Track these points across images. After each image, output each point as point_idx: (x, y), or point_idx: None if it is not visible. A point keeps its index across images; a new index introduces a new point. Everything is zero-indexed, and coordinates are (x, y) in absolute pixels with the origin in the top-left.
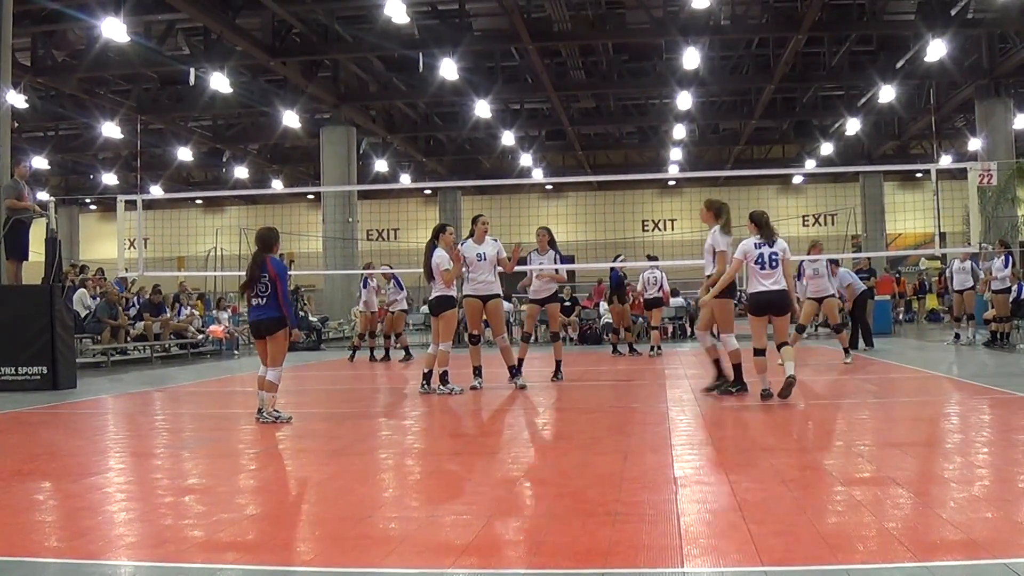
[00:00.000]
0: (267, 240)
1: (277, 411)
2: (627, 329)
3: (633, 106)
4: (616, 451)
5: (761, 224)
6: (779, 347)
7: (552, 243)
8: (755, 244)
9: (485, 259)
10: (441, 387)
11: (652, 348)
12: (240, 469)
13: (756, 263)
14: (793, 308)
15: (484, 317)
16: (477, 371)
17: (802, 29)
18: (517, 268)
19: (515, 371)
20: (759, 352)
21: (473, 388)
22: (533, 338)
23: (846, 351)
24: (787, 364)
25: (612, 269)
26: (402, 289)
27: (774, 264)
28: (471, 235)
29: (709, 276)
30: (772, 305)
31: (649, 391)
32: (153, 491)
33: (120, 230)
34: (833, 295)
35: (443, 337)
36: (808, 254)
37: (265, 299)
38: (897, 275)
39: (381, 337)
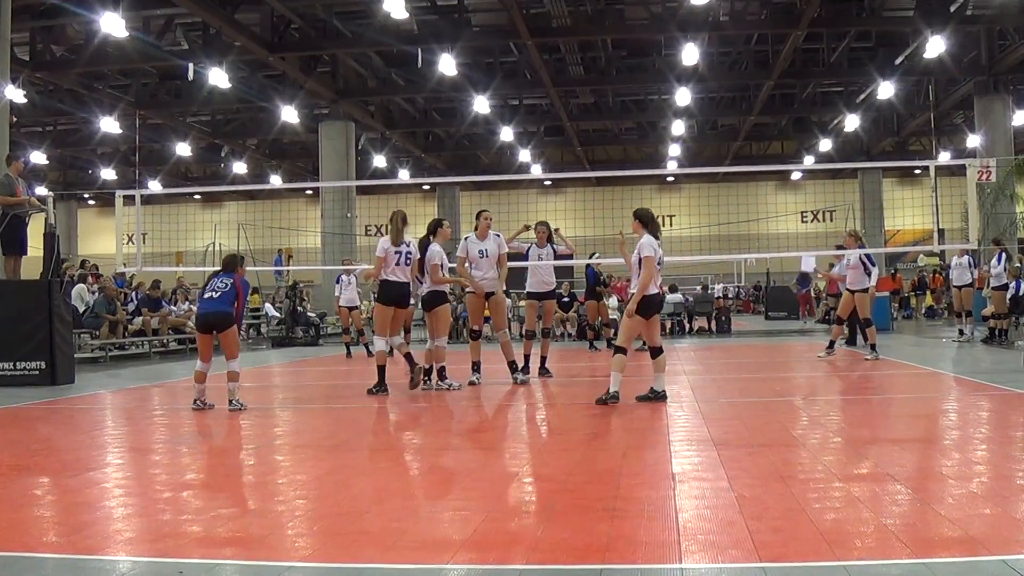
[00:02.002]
0: (234, 262)
1: (241, 401)
2: (606, 325)
3: (632, 102)
4: (615, 447)
5: (648, 221)
6: (656, 354)
7: (551, 238)
8: (659, 244)
9: (487, 255)
10: (439, 383)
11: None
12: (238, 464)
13: (659, 264)
14: None
15: (486, 313)
16: (476, 366)
17: (801, 25)
18: (516, 264)
19: (515, 367)
20: (625, 351)
21: (471, 383)
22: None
23: (872, 347)
24: (659, 377)
25: (587, 267)
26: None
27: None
28: (475, 229)
29: None
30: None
31: (647, 387)
32: (151, 486)
33: (119, 225)
34: (866, 289)
35: (438, 332)
36: (845, 245)
37: (219, 293)
38: (893, 273)
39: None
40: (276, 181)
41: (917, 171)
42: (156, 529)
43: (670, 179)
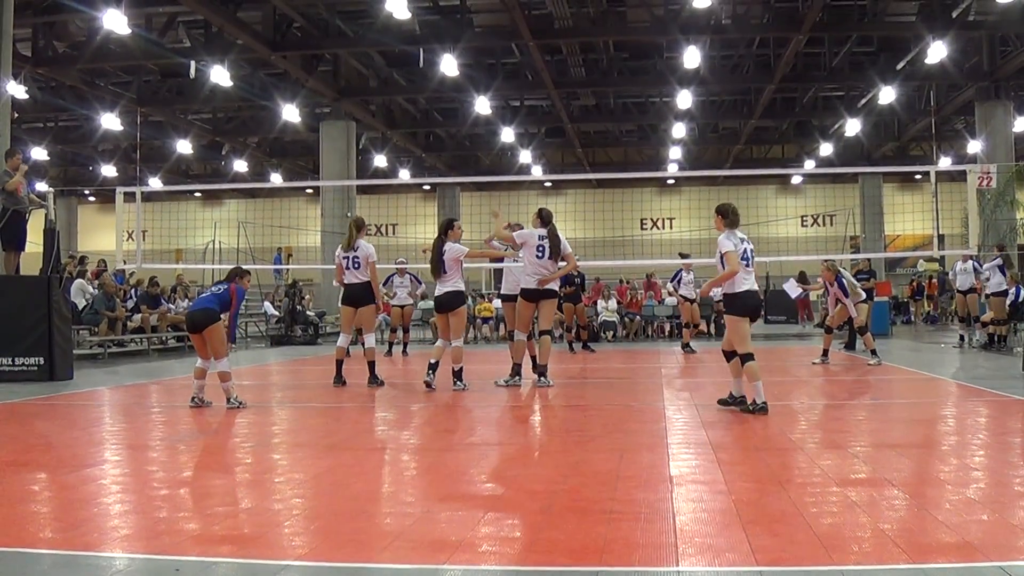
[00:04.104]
0: (234, 273)
1: (239, 399)
2: (583, 328)
3: (633, 104)
4: (612, 449)
5: (730, 215)
6: (738, 358)
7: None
8: (742, 238)
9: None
10: (457, 382)
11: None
12: (235, 462)
13: (742, 259)
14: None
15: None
16: (517, 369)
17: (803, 29)
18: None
19: (545, 369)
20: (751, 356)
21: (513, 384)
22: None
23: (873, 352)
24: (736, 382)
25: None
26: (420, 284)
27: (750, 261)
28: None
29: None
30: (756, 308)
31: (646, 389)
32: (148, 483)
33: (119, 222)
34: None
35: (456, 334)
36: (822, 277)
37: (210, 295)
38: (920, 278)
39: (389, 332)
40: (277, 179)
41: (918, 176)
42: (153, 526)
43: (670, 182)
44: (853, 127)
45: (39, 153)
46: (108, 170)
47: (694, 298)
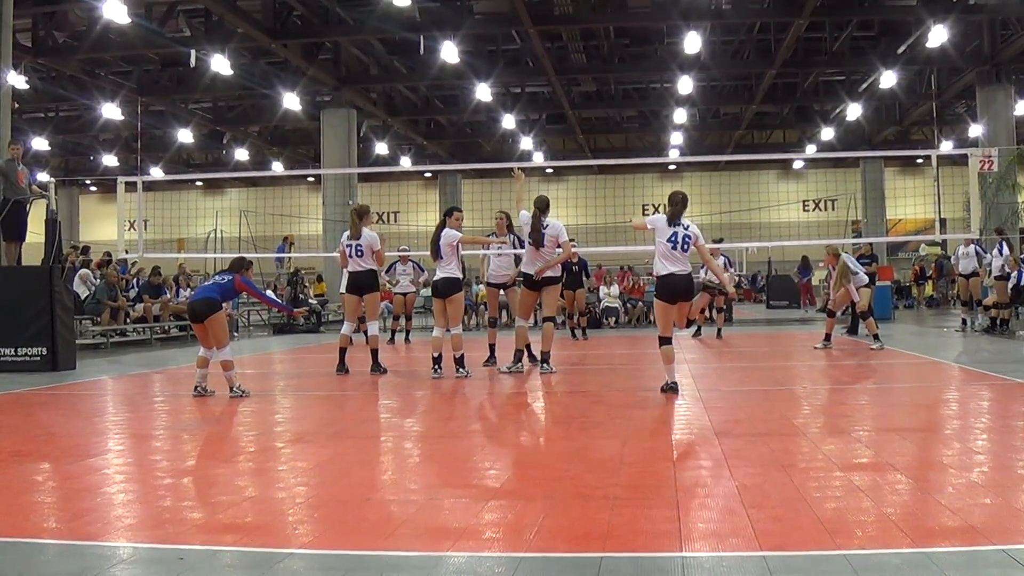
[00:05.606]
0: (238, 264)
1: (243, 387)
2: (582, 314)
3: (634, 90)
4: (615, 435)
5: (674, 203)
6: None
7: (511, 227)
8: (668, 221)
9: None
10: (460, 370)
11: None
12: (239, 451)
13: (668, 241)
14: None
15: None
16: (519, 355)
17: (803, 14)
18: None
19: (547, 356)
20: (667, 341)
21: (513, 371)
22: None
23: (875, 336)
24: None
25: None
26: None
27: (686, 247)
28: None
29: None
30: (684, 291)
31: (649, 375)
32: (152, 473)
33: (120, 211)
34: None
35: (454, 320)
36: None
37: (212, 283)
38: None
39: (392, 319)
40: (278, 168)
41: (919, 160)
42: (157, 515)
43: (672, 167)
44: (854, 111)
45: (40, 143)
46: (109, 160)
47: (716, 284)
